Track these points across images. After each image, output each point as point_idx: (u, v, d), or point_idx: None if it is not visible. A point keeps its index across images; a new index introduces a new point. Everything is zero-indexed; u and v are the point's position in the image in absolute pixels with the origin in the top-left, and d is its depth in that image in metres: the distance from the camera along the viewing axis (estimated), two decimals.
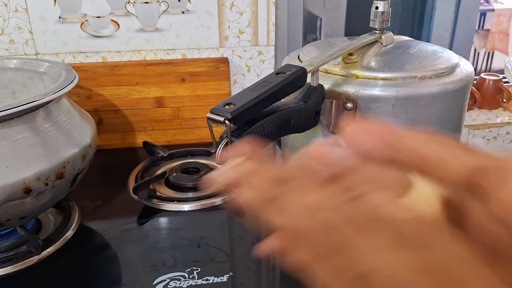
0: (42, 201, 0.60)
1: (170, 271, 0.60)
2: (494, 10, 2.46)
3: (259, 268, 0.62)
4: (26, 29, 0.89)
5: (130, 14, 0.90)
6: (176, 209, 0.74)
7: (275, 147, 0.95)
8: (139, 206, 0.75)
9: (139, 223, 0.72)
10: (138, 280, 0.59)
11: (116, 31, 0.91)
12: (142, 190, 0.77)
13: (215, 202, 0.75)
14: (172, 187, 0.81)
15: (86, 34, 0.91)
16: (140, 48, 0.93)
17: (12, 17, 0.87)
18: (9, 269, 0.61)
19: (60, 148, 0.60)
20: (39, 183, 0.57)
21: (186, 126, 0.97)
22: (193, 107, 0.96)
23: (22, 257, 0.62)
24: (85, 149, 0.64)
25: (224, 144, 0.38)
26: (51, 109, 0.62)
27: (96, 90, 0.92)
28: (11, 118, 0.56)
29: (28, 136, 0.58)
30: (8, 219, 0.59)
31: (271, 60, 0.98)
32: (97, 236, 0.69)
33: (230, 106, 0.41)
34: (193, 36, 0.94)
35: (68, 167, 0.61)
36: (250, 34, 0.95)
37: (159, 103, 0.95)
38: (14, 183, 0.55)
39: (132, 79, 0.92)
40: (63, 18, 0.89)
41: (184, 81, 0.94)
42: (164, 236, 0.69)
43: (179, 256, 0.63)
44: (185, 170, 0.84)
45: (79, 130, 0.66)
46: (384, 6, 0.60)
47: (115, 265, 0.63)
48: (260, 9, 0.93)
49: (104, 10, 0.89)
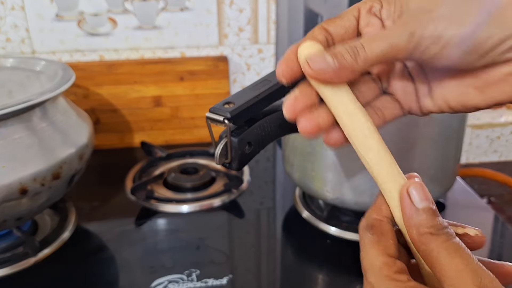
0: (39, 202, 0.60)
1: (169, 273, 0.59)
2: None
3: (259, 270, 0.61)
4: (22, 27, 0.88)
5: (128, 12, 0.89)
6: (175, 210, 0.73)
7: (275, 147, 0.94)
8: (137, 207, 0.74)
9: (137, 225, 0.71)
10: (136, 282, 0.59)
11: (113, 29, 0.90)
12: (140, 191, 0.76)
13: (214, 203, 0.75)
14: (170, 187, 0.80)
15: (83, 32, 0.90)
16: (138, 46, 0.92)
17: (8, 15, 0.86)
18: (5, 271, 0.60)
19: (56, 148, 0.60)
20: (35, 183, 0.56)
21: (185, 126, 0.97)
22: (192, 106, 0.95)
23: (19, 259, 0.62)
24: (82, 149, 0.63)
25: (223, 144, 0.37)
26: (47, 108, 0.62)
27: (93, 89, 0.91)
28: (7, 118, 0.56)
29: (25, 136, 0.57)
30: (4, 220, 0.58)
31: (271, 59, 0.97)
32: (94, 237, 0.68)
33: (229, 105, 0.40)
34: (192, 34, 0.93)
35: (64, 168, 0.60)
36: (250, 32, 0.94)
37: (157, 102, 0.94)
38: (10, 183, 0.54)
39: (130, 78, 0.91)
40: (60, 16, 0.88)
41: (182, 80, 0.93)
42: (162, 237, 0.68)
43: (178, 257, 0.63)
44: (184, 170, 0.83)
45: (76, 130, 0.65)
46: None
47: (112, 267, 0.62)
48: (260, 6, 0.93)
49: (102, 8, 0.88)
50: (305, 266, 0.63)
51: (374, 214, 0.28)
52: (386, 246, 0.27)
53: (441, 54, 0.26)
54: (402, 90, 0.31)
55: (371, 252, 0.27)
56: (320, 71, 0.27)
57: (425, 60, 0.27)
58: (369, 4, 0.29)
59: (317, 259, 0.63)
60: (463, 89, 0.28)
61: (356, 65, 0.26)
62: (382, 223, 0.28)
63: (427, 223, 0.25)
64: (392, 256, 0.27)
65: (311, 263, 0.63)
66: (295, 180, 0.66)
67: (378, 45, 0.26)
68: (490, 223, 0.71)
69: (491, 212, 0.73)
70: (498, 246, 0.65)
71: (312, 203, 0.73)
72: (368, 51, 0.26)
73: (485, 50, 0.26)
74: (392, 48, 0.26)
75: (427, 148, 0.57)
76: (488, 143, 1.14)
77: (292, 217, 0.72)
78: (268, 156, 0.92)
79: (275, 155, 0.93)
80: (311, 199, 0.74)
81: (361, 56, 0.26)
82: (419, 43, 0.26)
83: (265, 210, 0.75)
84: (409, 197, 0.26)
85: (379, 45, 0.26)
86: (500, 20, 0.25)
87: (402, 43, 0.26)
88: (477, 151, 1.15)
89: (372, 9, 0.29)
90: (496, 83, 0.27)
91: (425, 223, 0.25)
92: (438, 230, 0.25)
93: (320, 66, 0.27)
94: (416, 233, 0.26)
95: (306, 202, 0.73)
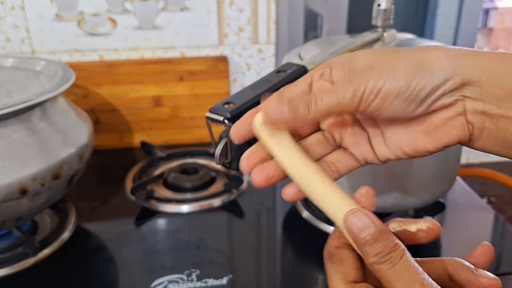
0: (39, 202, 0.60)
1: (169, 273, 0.59)
2: (498, 8, 2.45)
3: (259, 270, 0.61)
4: (22, 27, 0.87)
5: (128, 12, 0.89)
6: (175, 210, 0.73)
7: None
8: (136, 207, 0.74)
9: (136, 225, 0.71)
10: (136, 282, 0.59)
11: (113, 29, 0.90)
12: (140, 191, 0.76)
13: (214, 203, 0.75)
14: (170, 188, 0.80)
15: (83, 32, 0.90)
16: (138, 46, 0.92)
17: (8, 15, 0.86)
18: (5, 271, 0.60)
19: (56, 148, 0.60)
20: (35, 183, 0.56)
21: (185, 126, 0.96)
22: (192, 106, 0.95)
23: (18, 259, 0.62)
24: (82, 149, 0.63)
25: (223, 144, 0.37)
26: (47, 108, 0.62)
27: (93, 89, 0.91)
28: (7, 118, 0.56)
29: (24, 136, 0.57)
30: (4, 221, 0.58)
31: (271, 59, 0.97)
32: (94, 237, 0.68)
33: (229, 105, 0.40)
34: (191, 34, 0.93)
35: (64, 168, 0.60)
36: (250, 32, 0.94)
37: (157, 102, 0.94)
38: (10, 183, 0.54)
39: (130, 78, 0.91)
40: (60, 16, 0.88)
41: (182, 80, 0.93)
42: (162, 237, 0.68)
43: (178, 258, 0.63)
44: (184, 170, 0.83)
45: (76, 130, 0.65)
46: (387, 4, 0.59)
47: (112, 267, 0.62)
48: (260, 6, 0.92)
49: (102, 8, 0.88)
50: (305, 266, 0.63)
51: (334, 242, 0.31)
52: (346, 273, 0.29)
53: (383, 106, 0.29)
54: (355, 142, 0.33)
55: (332, 280, 0.29)
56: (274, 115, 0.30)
57: (372, 112, 0.30)
58: (320, 71, 0.32)
59: (317, 259, 0.63)
60: (413, 135, 0.31)
61: (308, 114, 0.29)
62: (341, 250, 0.30)
63: (372, 252, 0.27)
64: (352, 281, 0.29)
65: (311, 263, 0.63)
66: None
67: (328, 99, 0.29)
68: (490, 223, 0.71)
69: (491, 212, 0.73)
70: (498, 246, 0.65)
71: (312, 203, 0.73)
72: (319, 104, 0.29)
73: (420, 99, 0.29)
74: (339, 102, 0.29)
75: None
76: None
77: (292, 217, 0.72)
78: None
79: None
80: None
81: (312, 107, 0.29)
82: (363, 97, 0.29)
83: (265, 210, 0.75)
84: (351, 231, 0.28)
85: (329, 99, 0.29)
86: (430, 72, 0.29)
87: (348, 97, 0.29)
88: (477, 151, 1.15)
89: (323, 75, 0.32)
90: (440, 128, 0.30)
91: (370, 252, 0.27)
92: (381, 258, 0.27)
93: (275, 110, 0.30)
94: (367, 263, 0.28)
95: (306, 203, 0.73)
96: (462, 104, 0.30)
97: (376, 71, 0.29)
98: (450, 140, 0.31)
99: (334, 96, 0.29)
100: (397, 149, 0.32)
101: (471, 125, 0.30)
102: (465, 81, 0.29)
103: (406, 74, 0.29)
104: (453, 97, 0.29)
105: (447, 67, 0.29)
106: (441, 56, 0.29)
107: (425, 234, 0.30)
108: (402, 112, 0.29)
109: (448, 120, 0.30)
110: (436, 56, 0.29)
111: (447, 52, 0.29)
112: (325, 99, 0.29)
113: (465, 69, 0.29)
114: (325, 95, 0.29)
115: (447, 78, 0.29)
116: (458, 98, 0.29)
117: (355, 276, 0.29)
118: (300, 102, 0.30)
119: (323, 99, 0.29)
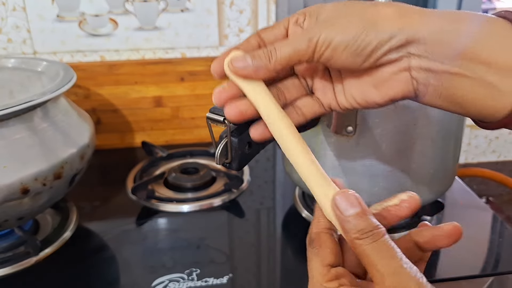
0: (40, 202, 0.60)
1: (169, 273, 0.59)
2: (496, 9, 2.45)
3: (259, 270, 0.62)
4: (24, 28, 0.88)
5: (129, 13, 0.90)
6: (175, 209, 0.74)
7: (275, 147, 0.94)
8: (137, 207, 0.75)
9: (137, 224, 0.71)
10: (137, 281, 0.59)
11: (114, 29, 0.90)
12: (140, 191, 0.76)
13: (214, 203, 0.75)
14: (171, 187, 0.80)
15: (84, 33, 0.90)
16: (139, 47, 0.93)
17: (10, 16, 0.87)
18: (6, 270, 0.60)
19: (58, 148, 0.60)
20: (36, 183, 0.57)
21: (185, 126, 0.97)
22: (192, 107, 0.96)
23: (20, 258, 0.62)
24: (83, 149, 0.63)
25: (223, 144, 0.37)
26: (48, 108, 0.62)
27: (94, 90, 0.91)
28: (8, 118, 0.56)
29: (26, 136, 0.57)
30: (5, 220, 0.59)
31: None
32: (95, 237, 0.69)
33: None
34: (192, 34, 0.93)
35: (66, 167, 0.60)
36: (250, 32, 0.95)
37: (158, 102, 0.94)
38: (12, 183, 0.55)
39: (131, 79, 0.92)
40: (61, 17, 0.88)
41: (183, 80, 0.93)
42: (163, 237, 0.69)
43: (178, 257, 0.63)
44: (184, 170, 0.83)
45: (77, 130, 0.65)
46: None
47: (113, 266, 0.62)
48: (260, 7, 0.93)
49: (103, 9, 0.89)
50: (305, 265, 0.63)
51: (314, 228, 0.32)
52: (323, 256, 0.30)
53: (334, 57, 0.31)
54: (322, 88, 0.36)
55: (311, 264, 0.31)
56: (240, 68, 0.32)
57: (324, 63, 0.32)
58: (296, 16, 0.35)
59: None
60: (364, 87, 0.34)
61: (269, 65, 0.32)
62: (321, 235, 0.31)
63: (355, 228, 0.28)
64: (328, 265, 0.30)
65: None
66: (295, 180, 0.67)
67: (285, 49, 0.32)
68: (489, 222, 0.71)
69: (490, 211, 0.73)
70: (497, 246, 0.66)
71: (312, 202, 0.73)
72: (279, 54, 0.32)
73: (367, 53, 0.31)
74: (295, 52, 0.32)
75: (426, 148, 0.57)
76: (487, 143, 1.14)
77: (292, 217, 0.72)
78: (268, 156, 0.92)
79: (275, 155, 0.93)
80: (311, 199, 0.74)
81: (273, 58, 0.32)
82: (316, 48, 0.31)
83: (265, 209, 0.75)
84: (337, 208, 0.29)
85: (286, 50, 0.32)
86: (377, 28, 0.30)
87: (303, 48, 0.31)
88: (476, 151, 1.15)
89: (297, 20, 0.34)
90: (387, 81, 0.33)
91: (353, 228, 0.28)
92: (363, 234, 0.28)
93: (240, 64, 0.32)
94: (348, 239, 0.29)
95: (306, 202, 0.73)
96: (407, 60, 0.31)
97: (331, 24, 0.31)
98: (396, 94, 0.33)
99: (291, 46, 0.32)
100: (352, 99, 0.35)
101: (415, 81, 0.32)
102: (410, 39, 0.30)
103: (356, 29, 0.31)
104: (398, 53, 0.31)
105: (395, 24, 0.30)
106: (393, 13, 0.31)
107: (408, 204, 0.32)
108: (351, 64, 0.32)
109: (393, 74, 0.32)
110: (388, 13, 0.31)
111: (399, 9, 0.31)
112: (283, 49, 0.32)
113: (414, 27, 0.30)
114: (283, 46, 0.32)
115: (393, 35, 0.30)
116: (403, 55, 0.31)
117: (332, 260, 0.30)
118: (261, 54, 0.32)
119: (282, 50, 0.32)
